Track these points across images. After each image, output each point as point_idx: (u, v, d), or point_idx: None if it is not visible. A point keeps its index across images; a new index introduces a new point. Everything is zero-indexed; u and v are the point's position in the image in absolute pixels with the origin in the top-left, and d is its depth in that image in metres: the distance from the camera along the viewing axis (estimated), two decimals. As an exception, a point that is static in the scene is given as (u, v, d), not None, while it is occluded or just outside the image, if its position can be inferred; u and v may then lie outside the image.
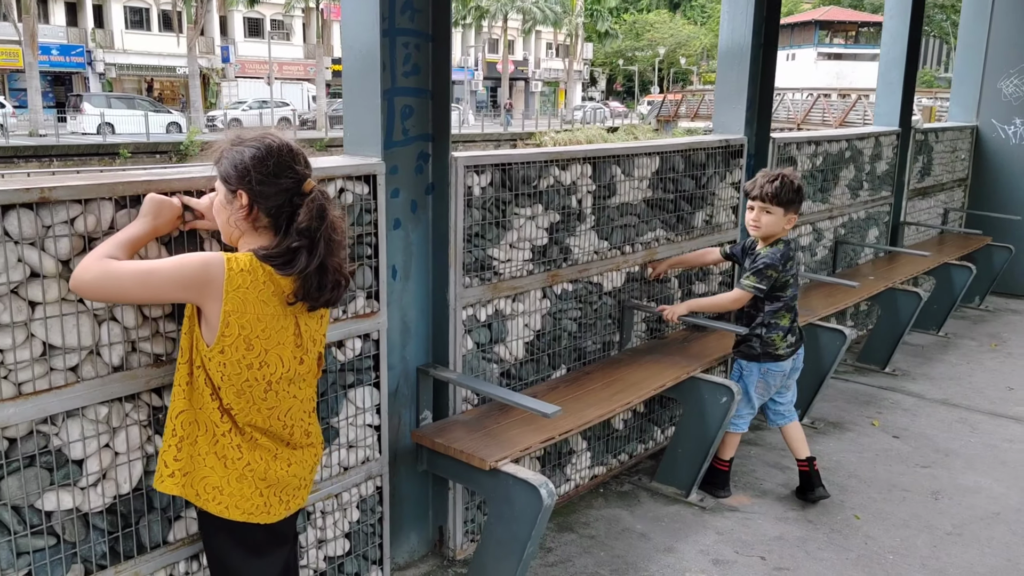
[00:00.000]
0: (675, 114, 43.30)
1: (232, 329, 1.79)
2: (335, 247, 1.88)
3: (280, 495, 1.99)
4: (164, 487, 1.92)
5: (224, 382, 1.84)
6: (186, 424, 1.89)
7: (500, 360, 3.23)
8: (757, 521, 3.48)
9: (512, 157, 3.10)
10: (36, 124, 29.04)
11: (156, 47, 40.25)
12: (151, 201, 1.96)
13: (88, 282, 1.77)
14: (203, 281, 1.77)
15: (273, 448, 1.96)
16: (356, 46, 2.71)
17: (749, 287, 3.44)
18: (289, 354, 1.91)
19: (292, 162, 1.85)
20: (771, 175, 3.39)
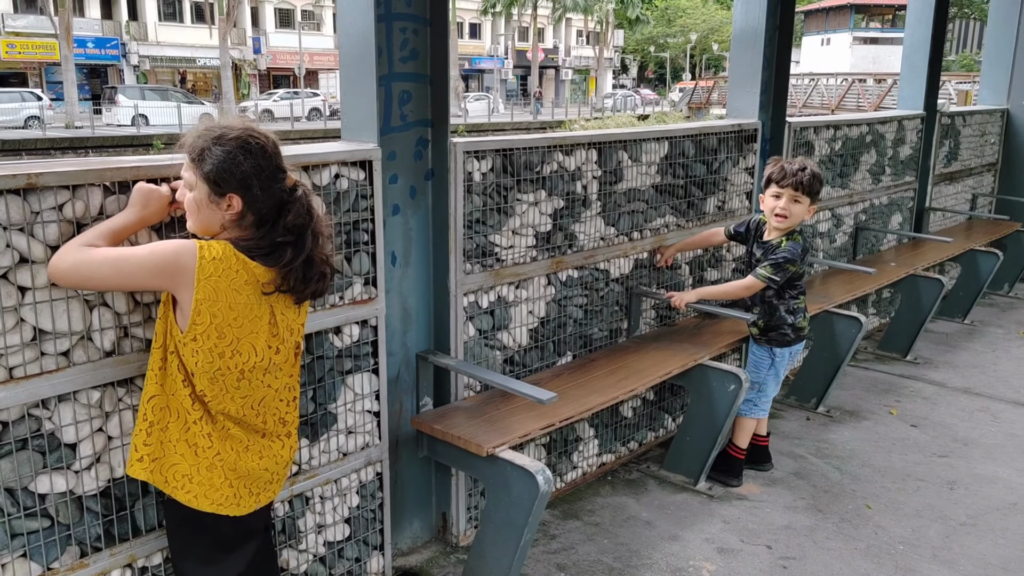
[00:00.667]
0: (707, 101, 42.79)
1: (204, 317, 1.79)
2: (321, 240, 1.89)
3: (251, 487, 1.98)
4: (133, 471, 1.93)
5: (197, 368, 1.84)
6: (157, 409, 1.89)
7: (503, 347, 3.22)
8: (765, 510, 3.44)
9: (514, 143, 3.07)
10: (72, 116, 29.55)
11: (189, 39, 40.73)
12: (139, 191, 1.96)
13: (63, 270, 1.79)
14: (174, 269, 1.77)
15: (245, 439, 1.95)
16: (352, 31, 2.70)
17: (764, 278, 3.41)
18: (263, 343, 1.90)
19: (280, 161, 1.87)
20: (798, 164, 3.36)
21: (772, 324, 3.52)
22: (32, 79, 37.19)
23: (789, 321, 3.51)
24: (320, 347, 2.57)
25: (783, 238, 3.42)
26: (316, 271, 1.89)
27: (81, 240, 1.83)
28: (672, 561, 3.07)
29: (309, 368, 2.55)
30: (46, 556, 2.04)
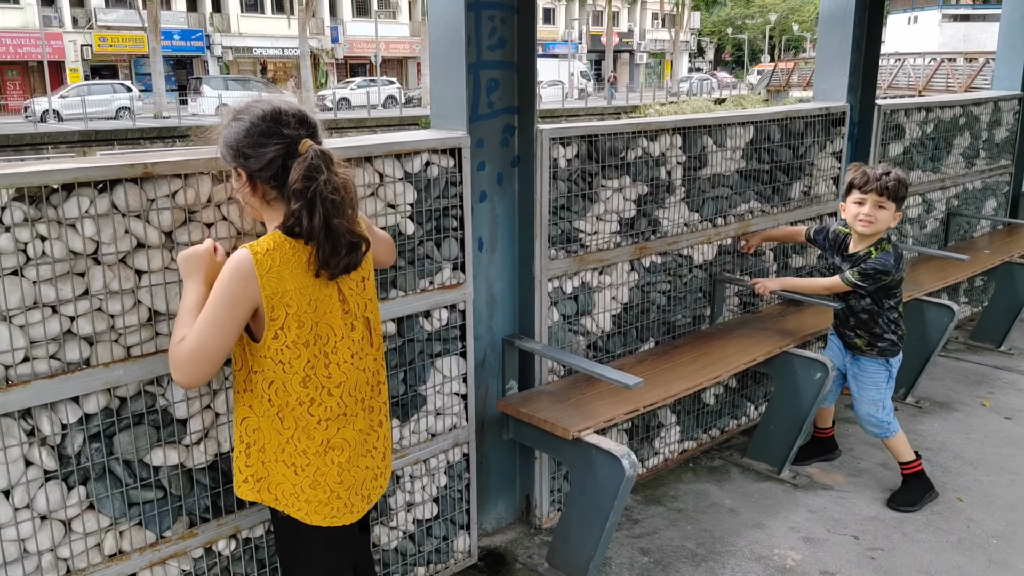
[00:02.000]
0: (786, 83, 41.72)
1: (279, 311, 1.76)
2: (339, 207, 1.75)
3: (361, 492, 1.97)
4: (241, 492, 1.92)
5: (288, 373, 1.80)
6: (251, 431, 1.87)
7: (587, 332, 3.24)
8: (852, 500, 3.38)
9: (599, 129, 3.08)
10: (160, 107, 30.69)
11: (269, 29, 41.75)
12: (184, 261, 1.87)
13: (188, 374, 1.75)
14: (243, 284, 1.72)
15: (347, 448, 1.91)
16: (442, 20, 2.75)
17: (850, 282, 3.27)
18: (339, 322, 1.86)
19: (278, 126, 1.75)
20: (882, 169, 3.22)
21: (876, 335, 3.35)
22: (122, 71, 38.71)
23: (892, 329, 3.35)
24: (411, 330, 2.64)
25: (871, 248, 3.26)
26: (344, 241, 1.76)
27: (175, 341, 1.78)
28: (756, 549, 3.05)
29: (400, 351, 2.63)
30: (159, 525, 2.17)
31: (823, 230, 3.54)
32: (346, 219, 1.77)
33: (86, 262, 1.95)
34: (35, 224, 1.88)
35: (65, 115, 28.58)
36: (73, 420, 1.99)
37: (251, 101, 1.81)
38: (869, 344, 3.38)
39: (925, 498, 3.33)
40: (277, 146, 1.74)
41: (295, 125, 1.76)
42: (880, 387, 3.39)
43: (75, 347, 1.97)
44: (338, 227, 1.75)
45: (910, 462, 3.38)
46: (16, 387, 1.89)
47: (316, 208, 1.72)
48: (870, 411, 3.39)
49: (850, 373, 3.48)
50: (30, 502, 1.95)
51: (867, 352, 3.39)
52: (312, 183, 1.72)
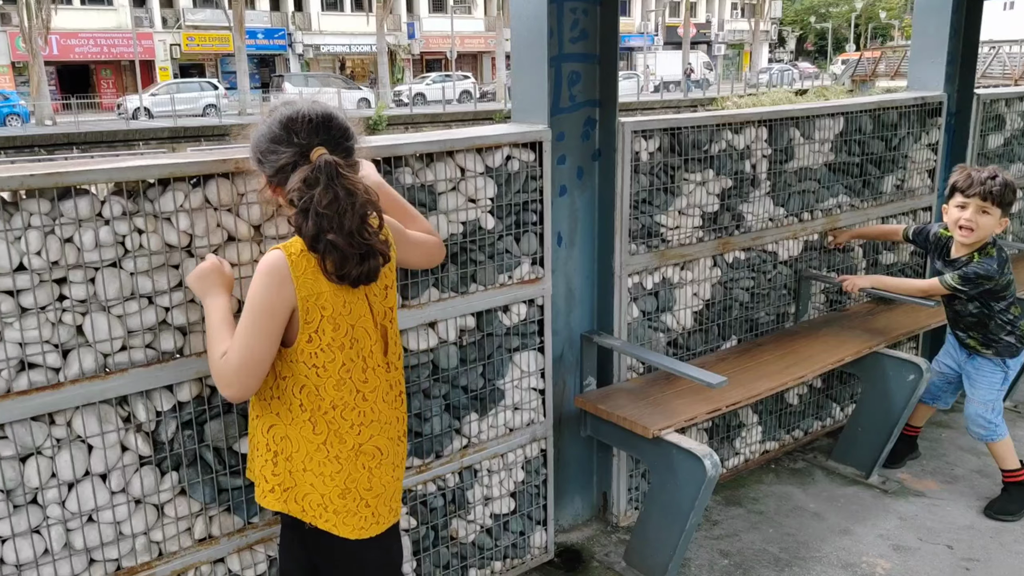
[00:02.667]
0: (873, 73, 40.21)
1: (314, 314, 1.72)
2: (335, 221, 1.66)
3: (388, 503, 1.91)
4: (266, 503, 1.85)
5: (322, 377, 1.76)
6: (278, 439, 1.81)
7: (667, 329, 3.19)
8: (945, 508, 3.24)
9: (682, 121, 3.02)
10: (244, 104, 31.61)
11: (348, 27, 42.52)
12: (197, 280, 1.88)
13: (240, 388, 1.73)
14: (279, 287, 1.69)
15: (377, 453, 1.86)
16: (524, 13, 2.73)
17: (950, 286, 3.12)
18: (371, 326, 1.83)
19: (290, 133, 1.71)
20: (988, 172, 3.06)
21: (990, 337, 3.20)
22: (209, 69, 40.03)
23: (1008, 330, 3.18)
24: (490, 325, 2.64)
25: (974, 253, 3.12)
26: (352, 252, 1.68)
27: (216, 357, 1.75)
28: (843, 556, 2.95)
29: (479, 345, 2.63)
30: (247, 511, 2.22)
31: (923, 231, 3.39)
32: (352, 231, 1.68)
33: (180, 254, 2.01)
34: (133, 217, 1.94)
35: (155, 112, 29.75)
36: (167, 408, 2.06)
37: (280, 103, 1.78)
38: (984, 344, 3.23)
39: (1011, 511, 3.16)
40: (286, 154, 1.71)
41: (308, 133, 1.72)
42: (994, 388, 3.23)
43: (169, 337, 2.03)
44: (335, 241, 1.66)
45: (1014, 470, 3.21)
46: (114, 375, 1.96)
47: (309, 220, 1.66)
48: (979, 411, 3.23)
49: (965, 372, 3.33)
50: (125, 486, 2.03)
51: (983, 352, 3.24)
52: (306, 194, 1.66)
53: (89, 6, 36.03)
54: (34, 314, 1.85)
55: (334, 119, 1.77)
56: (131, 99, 30.46)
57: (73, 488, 1.96)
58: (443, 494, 2.65)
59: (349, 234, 1.68)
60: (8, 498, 1.88)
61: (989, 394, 3.24)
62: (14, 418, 1.85)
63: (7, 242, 1.80)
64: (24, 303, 1.84)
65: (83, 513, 1.97)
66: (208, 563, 2.18)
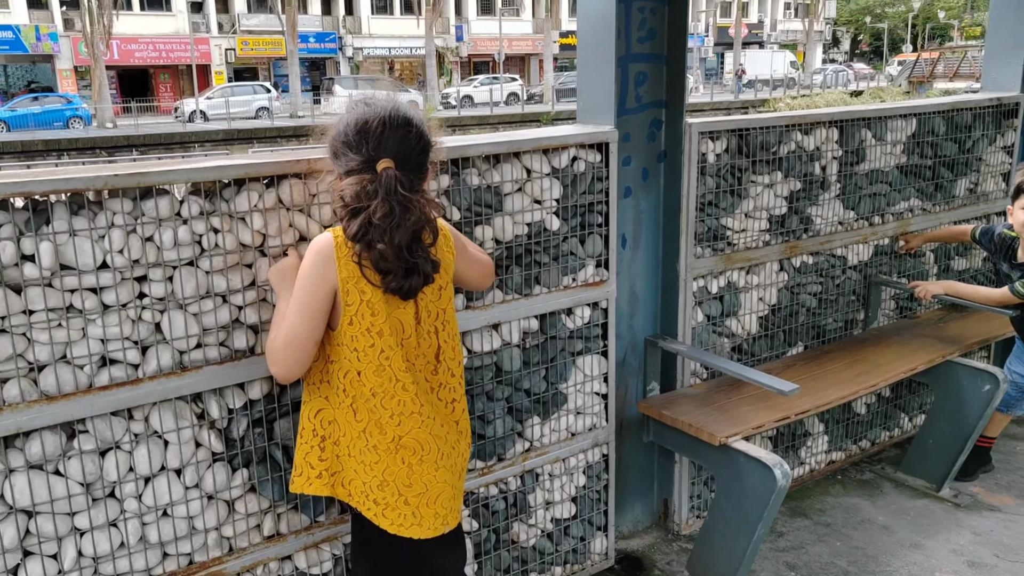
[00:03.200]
0: (930, 74, 39.19)
1: (353, 296, 1.73)
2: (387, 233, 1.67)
3: (434, 506, 1.84)
4: (312, 489, 1.86)
5: (362, 359, 1.76)
6: (326, 423, 1.84)
7: (731, 334, 3.13)
8: (1023, 524, 3.12)
9: (750, 122, 2.96)
10: (296, 107, 32.13)
11: (397, 30, 42.93)
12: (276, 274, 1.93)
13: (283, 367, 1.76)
14: (324, 267, 1.72)
15: (419, 448, 1.82)
16: (591, 13, 2.70)
17: (1021, 295, 3.04)
18: (411, 319, 1.81)
19: (363, 139, 1.72)
20: None
21: None
22: (262, 73, 40.77)
23: None
24: (553, 327, 2.62)
25: None
26: (395, 265, 1.69)
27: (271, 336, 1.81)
28: (915, 571, 2.86)
29: (542, 348, 2.61)
30: (313, 510, 2.23)
31: (988, 231, 3.31)
32: (400, 246, 1.68)
33: (254, 254, 2.03)
34: (209, 217, 1.96)
35: (211, 115, 30.40)
36: (239, 405, 2.08)
37: (361, 99, 1.78)
38: None
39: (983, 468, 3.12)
40: (355, 160, 1.73)
41: (379, 142, 1.71)
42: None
43: (242, 335, 2.05)
44: (384, 252, 1.67)
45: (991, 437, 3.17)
46: (189, 372, 1.99)
47: (358, 221, 1.68)
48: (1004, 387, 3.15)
49: None
50: (199, 482, 2.05)
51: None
52: (361, 200, 1.68)
53: (149, 12, 36.98)
54: (115, 311, 1.88)
55: (411, 129, 1.76)
56: (188, 102, 31.15)
57: (149, 483, 1.99)
58: (504, 497, 2.63)
59: (398, 248, 1.68)
60: (88, 491, 1.91)
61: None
62: (95, 412, 1.88)
63: (92, 240, 1.83)
64: (106, 300, 1.87)
65: (158, 507, 2.00)
66: (276, 560, 2.20)
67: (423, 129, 1.80)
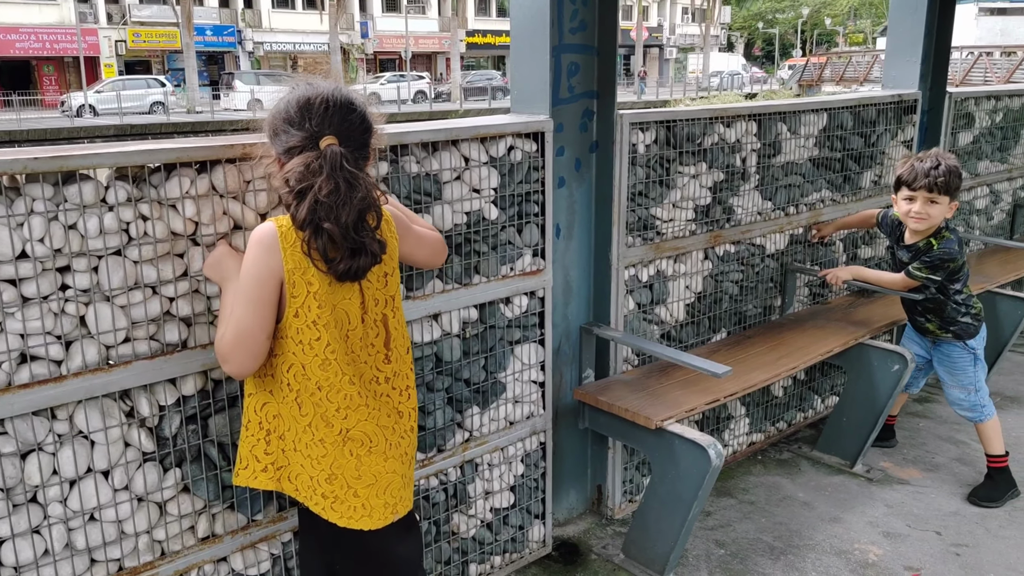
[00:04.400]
0: (819, 78, 41.13)
1: (299, 288, 1.68)
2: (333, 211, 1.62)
3: (383, 496, 1.82)
4: (258, 483, 1.82)
5: (307, 355, 1.72)
6: (271, 417, 1.80)
7: (660, 321, 3.19)
8: (930, 495, 3.31)
9: (677, 114, 3.03)
10: (193, 102, 30.98)
11: (300, 25, 41.97)
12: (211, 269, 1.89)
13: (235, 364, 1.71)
14: (267, 256, 1.66)
15: (366, 440, 1.79)
16: (525, 3, 2.71)
17: (922, 278, 3.19)
18: (356, 310, 1.78)
19: (304, 117, 1.68)
20: (930, 161, 3.08)
21: (947, 319, 3.27)
22: (155, 66, 39.13)
23: (963, 311, 3.26)
24: (492, 316, 2.61)
25: (930, 239, 3.18)
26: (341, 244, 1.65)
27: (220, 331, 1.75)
28: (835, 543, 2.99)
29: (481, 337, 2.60)
30: (250, 508, 2.15)
31: (886, 216, 3.48)
32: (347, 224, 1.64)
33: (186, 243, 1.94)
34: (137, 204, 1.86)
35: (100, 110, 28.94)
36: (170, 402, 1.99)
37: (304, 81, 1.74)
38: (942, 328, 3.30)
39: (1008, 495, 3.24)
40: (296, 136, 1.68)
41: (322, 119, 1.67)
42: (967, 370, 3.30)
43: (174, 328, 1.96)
44: (331, 230, 1.63)
45: (999, 456, 3.28)
46: (117, 368, 1.89)
47: (304, 203, 1.62)
48: (960, 396, 3.31)
49: (935, 360, 3.40)
50: (128, 483, 1.95)
51: (943, 336, 3.31)
52: (306, 179, 1.63)
53: (30, 0, 34.92)
54: (36, 304, 1.77)
55: (354, 109, 1.73)
56: (75, 96, 29.58)
57: (75, 485, 1.88)
58: (444, 488, 2.61)
59: (345, 227, 1.64)
60: (8, 497, 1.79)
61: (965, 377, 3.31)
62: (15, 412, 1.77)
63: (9, 228, 1.72)
64: (26, 293, 1.75)
65: (85, 512, 1.89)
66: (211, 562, 2.11)
67: (365, 111, 1.76)
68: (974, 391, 3.30)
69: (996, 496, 3.23)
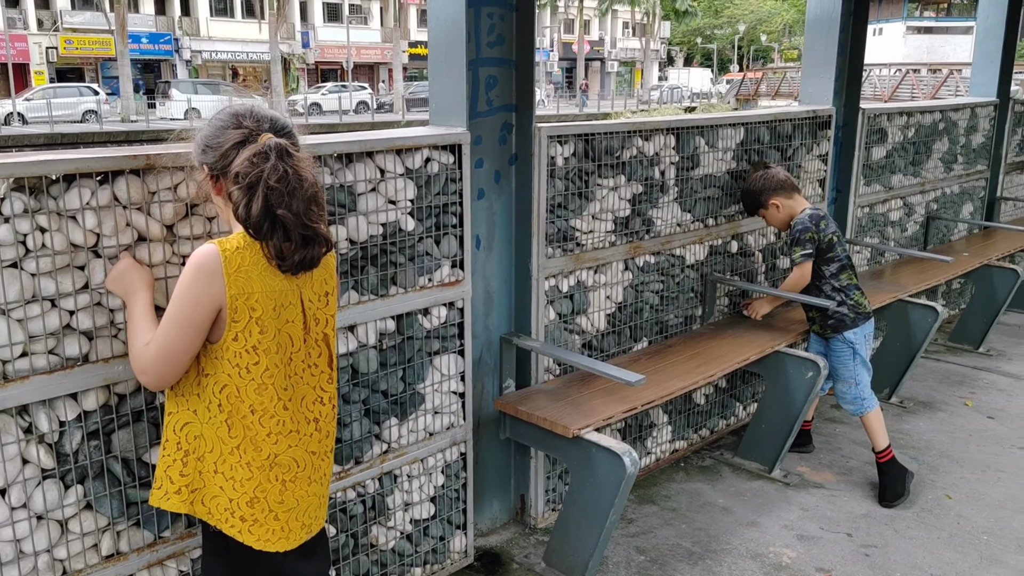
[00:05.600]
0: (755, 92, 42.16)
1: (242, 314, 1.67)
2: (285, 197, 1.64)
3: (301, 518, 1.82)
4: (170, 504, 1.77)
5: (244, 379, 1.70)
6: (191, 438, 1.75)
7: (582, 331, 3.24)
8: (843, 498, 3.41)
9: (595, 128, 3.08)
10: (128, 110, 30.23)
11: (239, 34, 41.35)
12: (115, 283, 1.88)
13: (153, 375, 1.71)
14: (208, 281, 1.65)
15: (293, 466, 1.79)
16: (442, 16, 2.73)
17: (799, 257, 3.40)
18: (299, 333, 1.77)
19: (237, 119, 1.71)
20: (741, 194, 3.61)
21: (822, 312, 3.45)
22: (88, 74, 38.10)
23: (839, 300, 3.40)
24: (410, 328, 2.62)
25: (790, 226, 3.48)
26: (294, 233, 1.66)
27: (139, 346, 1.74)
28: (751, 547, 3.06)
29: (399, 348, 2.60)
30: (158, 525, 2.12)
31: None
32: (299, 212, 1.66)
33: (86, 255, 1.91)
34: (35, 215, 1.83)
35: (30, 118, 28.01)
36: (71, 417, 1.95)
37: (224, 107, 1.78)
38: (821, 325, 3.50)
39: (907, 482, 3.38)
40: (234, 135, 1.69)
41: (257, 120, 1.72)
42: (847, 364, 3.46)
43: (74, 342, 1.92)
44: (284, 217, 1.64)
45: (885, 450, 3.41)
46: (14, 383, 1.84)
47: (257, 195, 1.63)
48: (842, 389, 3.50)
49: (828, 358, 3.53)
50: (27, 501, 1.90)
51: (825, 333, 3.50)
52: (255, 168, 1.64)
53: (-45, 4, 33.74)
54: (-75, 317, 1.72)
55: (280, 119, 1.78)
56: (3, 104, 28.59)
57: (-32, 505, 1.82)
58: (363, 501, 2.60)
59: (296, 214, 1.66)
60: None
61: (845, 370, 3.48)
62: (-98, 430, 1.71)
63: None
64: (-86, 306, 1.70)
65: (-21, 532, 1.83)
66: (116, 581, 2.06)
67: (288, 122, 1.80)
68: (854, 384, 3.47)
69: (901, 490, 3.35)
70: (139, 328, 1.77)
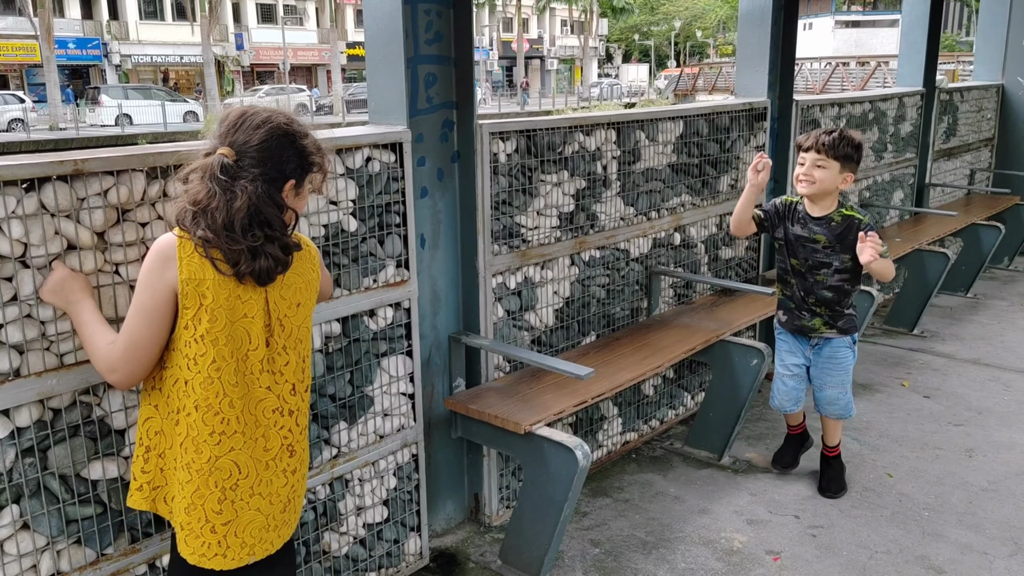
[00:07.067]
0: (693, 88, 42.84)
1: (192, 300, 1.64)
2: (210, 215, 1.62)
3: (242, 536, 1.73)
4: (132, 502, 1.76)
5: (192, 371, 1.67)
6: (152, 433, 1.74)
7: (530, 327, 3.24)
8: (790, 482, 3.48)
9: (537, 123, 3.09)
10: (56, 118, 29.25)
11: (170, 37, 40.39)
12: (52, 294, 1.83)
13: (124, 373, 1.68)
14: (162, 266, 1.64)
15: (234, 473, 1.71)
16: (378, 14, 2.70)
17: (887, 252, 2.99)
18: (258, 330, 1.72)
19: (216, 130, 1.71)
20: (828, 128, 3.06)
21: (838, 312, 3.18)
22: (13, 82, 36.80)
23: (852, 304, 3.23)
24: (356, 330, 2.58)
25: (841, 210, 3.10)
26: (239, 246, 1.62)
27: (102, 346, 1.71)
28: (704, 533, 3.10)
29: (346, 351, 2.57)
30: (100, 542, 2.05)
31: (768, 207, 3.25)
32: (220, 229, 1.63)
33: (14, 265, 1.83)
34: (-43, 225, 1.75)
35: (-49, 127, 26.97)
36: (4, 435, 1.87)
37: None
38: (828, 324, 3.18)
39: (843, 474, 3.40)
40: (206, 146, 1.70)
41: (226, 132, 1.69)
42: (849, 369, 3.24)
43: (4, 357, 1.84)
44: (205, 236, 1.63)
45: (837, 445, 3.41)
46: (-60, 401, 1.76)
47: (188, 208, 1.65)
48: (834, 395, 3.25)
49: (817, 361, 3.27)
50: (-42, 525, 1.82)
51: (827, 332, 3.19)
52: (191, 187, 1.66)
53: None
54: None
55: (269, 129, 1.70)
56: (-79, 113, 27.45)
57: None
58: (313, 507, 2.56)
59: (217, 232, 1.62)
60: None
61: (846, 376, 3.24)
62: None
63: None
64: None
65: (-93, 559, 1.75)
66: (58, 602, 1.99)
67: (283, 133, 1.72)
68: (848, 389, 3.27)
69: (844, 484, 3.39)
70: (94, 330, 1.75)
